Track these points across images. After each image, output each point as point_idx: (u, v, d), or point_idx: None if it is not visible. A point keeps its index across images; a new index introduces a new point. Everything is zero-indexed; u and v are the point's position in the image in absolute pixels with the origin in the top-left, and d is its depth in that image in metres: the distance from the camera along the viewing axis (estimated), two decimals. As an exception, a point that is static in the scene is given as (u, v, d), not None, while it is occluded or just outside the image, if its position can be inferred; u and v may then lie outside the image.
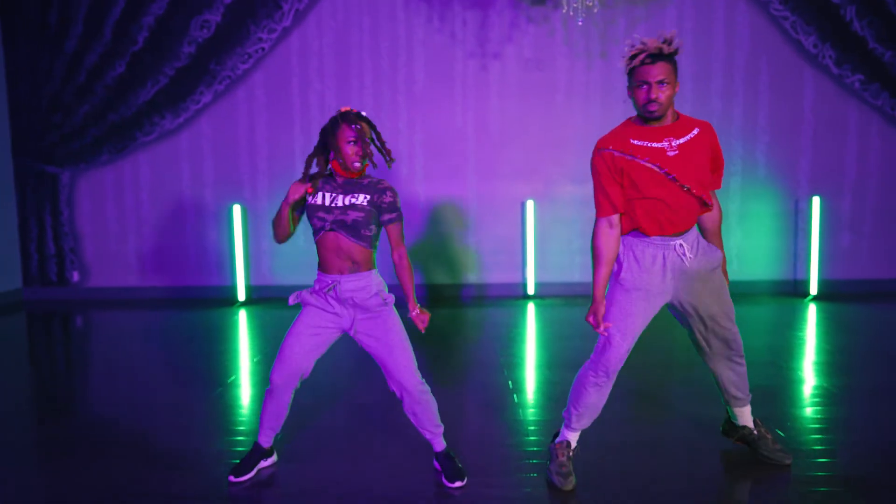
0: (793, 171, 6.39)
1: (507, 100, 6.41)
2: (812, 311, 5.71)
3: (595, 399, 2.52)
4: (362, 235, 2.42)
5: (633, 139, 2.39)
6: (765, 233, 6.45)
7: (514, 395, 3.56)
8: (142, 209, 6.58)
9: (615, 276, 2.47)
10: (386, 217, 2.47)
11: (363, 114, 2.48)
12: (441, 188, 6.48)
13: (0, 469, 2.78)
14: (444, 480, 2.56)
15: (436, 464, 2.65)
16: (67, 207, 6.58)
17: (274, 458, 2.77)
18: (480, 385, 3.77)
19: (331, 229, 2.41)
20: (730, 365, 2.60)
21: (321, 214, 2.42)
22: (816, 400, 3.50)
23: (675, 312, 2.57)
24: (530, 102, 6.39)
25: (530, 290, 6.35)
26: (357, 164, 2.42)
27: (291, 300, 2.55)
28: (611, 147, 2.42)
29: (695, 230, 2.50)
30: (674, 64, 2.34)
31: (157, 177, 6.55)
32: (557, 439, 2.63)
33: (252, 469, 2.64)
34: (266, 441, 2.68)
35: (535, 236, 6.37)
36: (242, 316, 5.89)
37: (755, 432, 2.70)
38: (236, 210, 6.33)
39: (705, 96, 6.32)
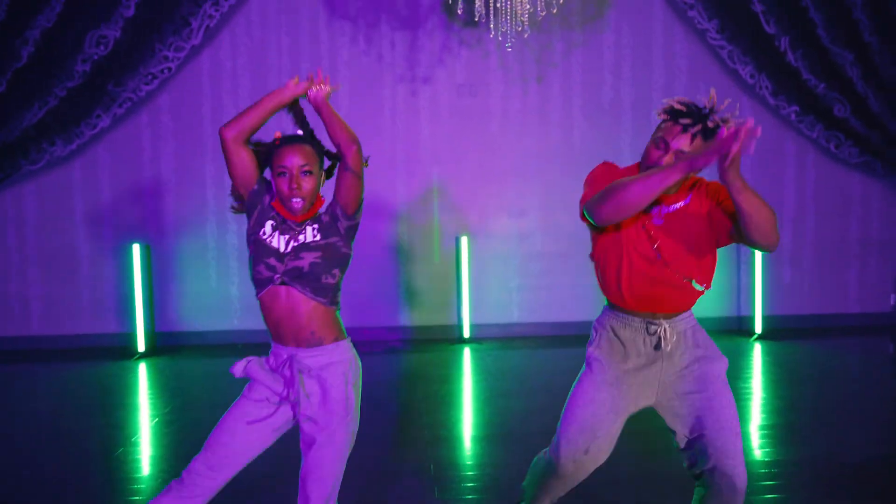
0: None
1: (439, 127, 6.00)
2: (757, 353, 5.52)
3: None
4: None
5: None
6: (706, 266, 6.26)
7: (435, 489, 3.04)
8: (26, 247, 5.79)
9: None
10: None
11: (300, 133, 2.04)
12: (367, 222, 5.98)
13: None
14: None
15: None
16: (-63, 246, 5.73)
17: None
18: (397, 465, 3.28)
19: (282, 282, 1.94)
20: (733, 495, 1.98)
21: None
22: (763, 474, 3.17)
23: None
24: (463, 130, 6.01)
25: (465, 333, 5.91)
26: (298, 203, 1.96)
27: (235, 371, 1.96)
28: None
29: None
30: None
31: (45, 210, 5.80)
32: None
33: None
34: None
35: (470, 274, 5.95)
36: (142, 369, 5.21)
37: None
38: (135, 249, 5.62)
39: (645, 126, 6.08)
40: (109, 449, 3.54)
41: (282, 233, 1.94)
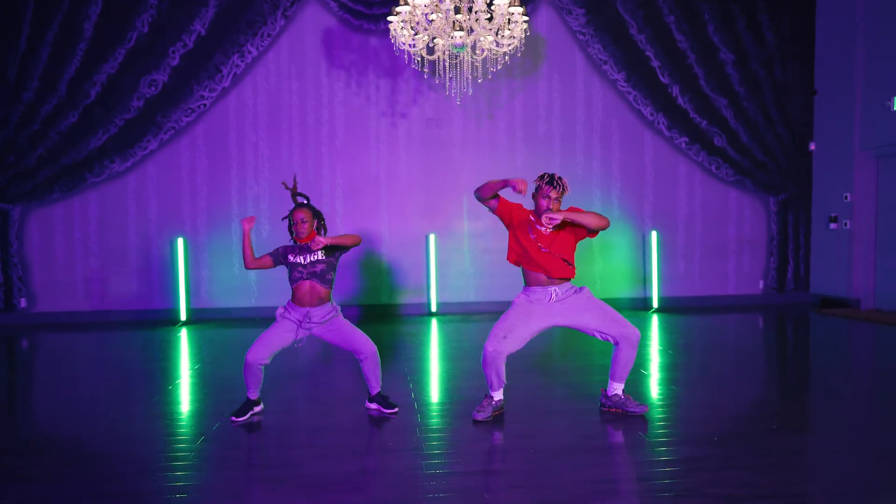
0: (639, 211, 8.07)
1: (413, 151, 7.76)
2: (654, 321, 7.28)
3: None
4: (326, 280, 3.75)
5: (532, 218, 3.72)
6: (621, 260, 8.05)
7: (412, 393, 4.72)
8: (89, 241, 7.36)
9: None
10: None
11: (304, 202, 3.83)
12: (359, 224, 7.69)
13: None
14: (384, 410, 3.87)
15: (370, 405, 3.92)
16: (17, 240, 7.26)
17: (261, 406, 3.90)
18: (387, 384, 4.94)
19: (306, 278, 3.71)
20: (630, 346, 3.73)
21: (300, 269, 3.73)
22: (659, 378, 4.88)
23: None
24: (432, 154, 7.78)
25: (433, 309, 7.61)
26: (302, 235, 3.74)
27: (278, 314, 3.82)
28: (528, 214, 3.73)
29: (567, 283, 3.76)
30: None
31: (104, 212, 7.38)
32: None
33: (246, 414, 3.78)
34: (253, 395, 3.81)
35: (437, 264, 7.67)
36: (184, 334, 6.76)
37: (622, 396, 3.85)
38: (179, 242, 7.26)
39: (571, 153, 7.93)
40: (164, 384, 4.97)
41: (299, 254, 3.78)
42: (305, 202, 3.85)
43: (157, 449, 3.37)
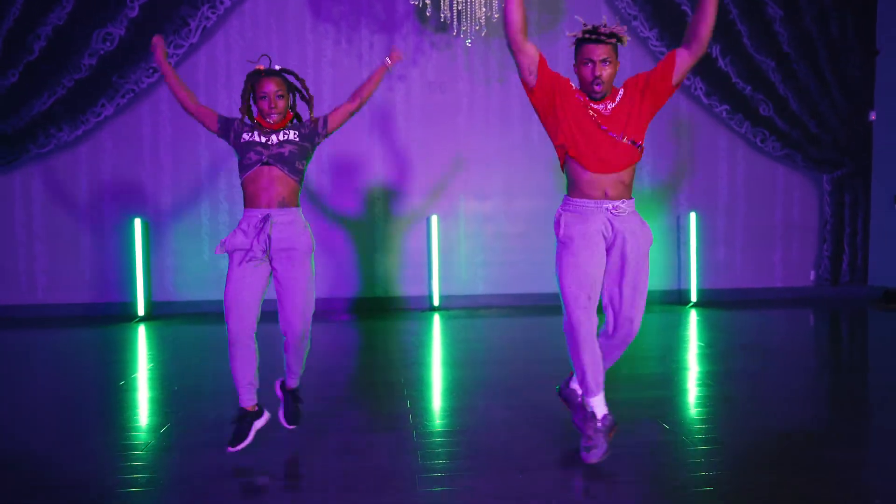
0: (673, 190, 7.01)
1: (412, 120, 6.69)
2: (693, 317, 6.25)
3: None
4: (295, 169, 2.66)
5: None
6: (652, 247, 6.96)
7: (409, 417, 3.44)
8: (33, 223, 6.31)
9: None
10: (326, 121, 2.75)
11: (277, 68, 2.69)
12: (350, 205, 6.63)
13: None
14: (281, 417, 2.82)
15: (279, 394, 2.88)
16: (-53, 222, 6.21)
17: (266, 416, 2.74)
18: (379, 401, 3.90)
19: (266, 162, 2.60)
20: (621, 343, 2.71)
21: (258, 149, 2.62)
22: (698, 386, 3.87)
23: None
24: (434, 123, 6.71)
25: (436, 303, 6.56)
26: (274, 118, 2.63)
27: (217, 250, 2.70)
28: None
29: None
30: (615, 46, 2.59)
31: (51, 189, 6.33)
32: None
33: (248, 434, 2.63)
34: (248, 401, 2.65)
35: (440, 251, 6.61)
36: (141, 331, 5.74)
37: (580, 399, 2.72)
38: (137, 224, 6.19)
39: (595, 121, 6.85)
40: (114, 380, 4.09)
41: (262, 134, 2.65)
42: (278, 69, 2.68)
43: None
